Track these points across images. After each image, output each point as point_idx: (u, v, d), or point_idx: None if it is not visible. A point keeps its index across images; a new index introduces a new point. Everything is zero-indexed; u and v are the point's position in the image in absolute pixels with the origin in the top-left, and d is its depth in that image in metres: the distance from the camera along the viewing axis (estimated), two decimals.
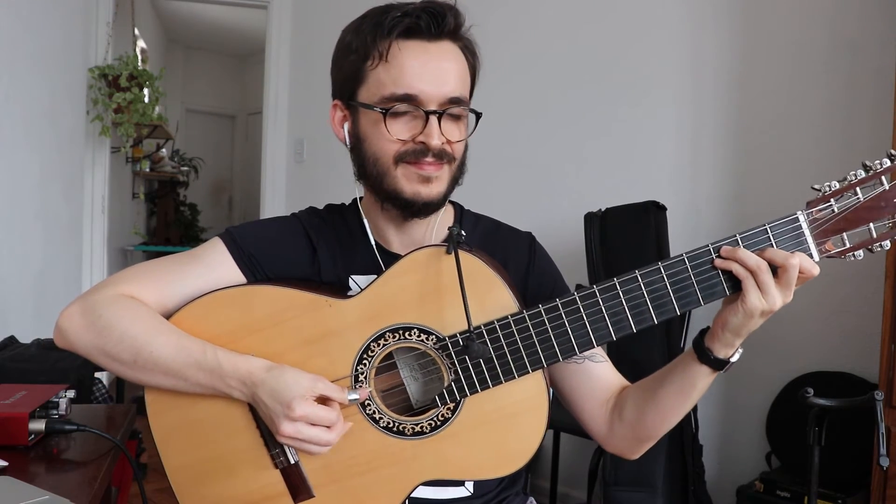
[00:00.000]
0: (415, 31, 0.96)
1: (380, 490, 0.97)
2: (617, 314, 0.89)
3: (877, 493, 1.72)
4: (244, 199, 7.40)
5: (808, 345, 2.23)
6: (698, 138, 2.48)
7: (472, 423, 0.95)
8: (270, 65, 3.78)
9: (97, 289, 1.01)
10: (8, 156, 2.56)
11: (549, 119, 2.83)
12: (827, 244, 0.85)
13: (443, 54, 0.97)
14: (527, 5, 2.91)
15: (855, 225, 0.84)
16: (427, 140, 0.95)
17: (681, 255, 0.87)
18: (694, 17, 2.49)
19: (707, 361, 0.91)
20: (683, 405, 0.97)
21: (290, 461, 0.98)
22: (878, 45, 2.08)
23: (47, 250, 3.06)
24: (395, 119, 0.96)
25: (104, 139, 3.56)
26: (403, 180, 0.98)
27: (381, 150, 0.98)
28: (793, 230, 0.85)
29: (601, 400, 1.04)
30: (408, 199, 0.98)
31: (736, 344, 0.90)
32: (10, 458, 1.00)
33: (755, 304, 0.85)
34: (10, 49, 2.55)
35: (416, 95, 0.95)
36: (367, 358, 0.96)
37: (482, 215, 1.14)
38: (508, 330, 0.92)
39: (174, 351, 0.95)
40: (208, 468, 1.00)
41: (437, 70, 0.96)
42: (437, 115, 0.95)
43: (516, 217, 1.21)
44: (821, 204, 0.85)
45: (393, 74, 0.95)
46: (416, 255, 0.95)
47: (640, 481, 2.05)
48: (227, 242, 1.04)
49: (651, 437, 1.02)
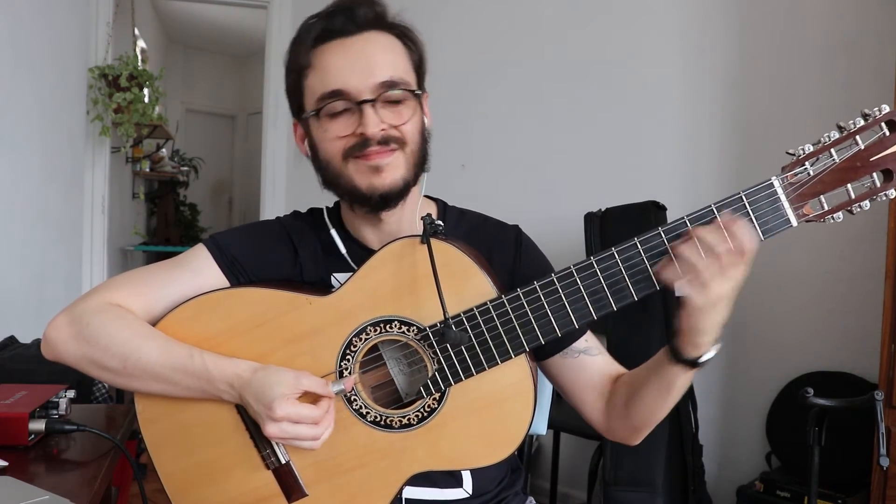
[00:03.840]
0: (331, 32, 0.98)
1: (372, 484, 0.97)
2: (596, 293, 0.88)
3: (877, 493, 1.72)
4: (244, 199, 7.39)
5: (808, 345, 2.23)
6: (698, 138, 2.48)
7: (459, 411, 0.95)
8: (270, 65, 3.78)
9: (83, 298, 1.01)
10: (8, 156, 2.56)
11: (549, 119, 2.83)
12: (805, 208, 0.83)
13: (366, 45, 0.98)
14: (526, 5, 2.91)
15: (832, 187, 0.82)
16: (364, 130, 0.96)
17: (657, 229, 0.86)
18: (694, 18, 2.49)
19: (680, 361, 0.91)
20: (666, 401, 0.97)
21: (280, 461, 0.98)
22: (877, 44, 2.08)
23: (47, 250, 3.06)
24: (333, 119, 0.98)
25: (104, 139, 3.56)
26: (356, 175, 0.99)
27: (329, 151, 1.00)
28: (768, 195, 0.83)
29: (598, 392, 1.05)
30: (364, 193, 0.99)
31: (704, 342, 0.88)
32: (10, 458, 1.00)
33: (695, 301, 0.83)
34: (10, 49, 2.55)
35: (344, 89, 0.96)
36: (350, 353, 0.96)
37: (468, 210, 1.14)
38: (488, 315, 0.91)
39: (161, 356, 0.96)
40: (201, 473, 1.00)
41: (362, 61, 0.97)
42: (369, 102, 0.96)
43: (516, 217, 1.20)
44: (796, 167, 0.83)
45: (320, 77, 0.98)
46: (391, 247, 0.95)
47: (640, 481, 2.05)
48: (211, 248, 1.06)
49: (645, 427, 1.02)
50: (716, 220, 0.83)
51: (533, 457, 2.77)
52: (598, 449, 2.26)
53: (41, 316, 2.86)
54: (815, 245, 2.22)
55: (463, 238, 1.02)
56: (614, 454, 2.06)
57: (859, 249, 2.12)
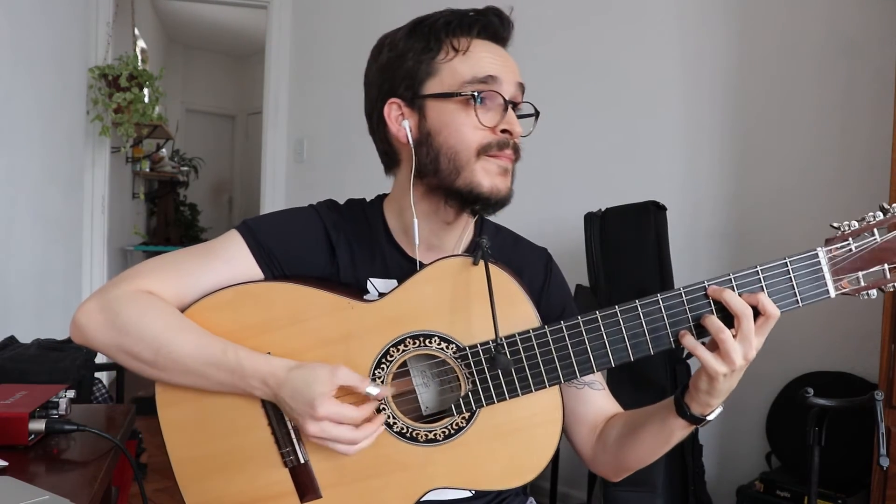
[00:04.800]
0: (490, 29, 0.99)
1: (388, 495, 0.97)
2: (636, 336, 0.90)
3: (877, 493, 1.72)
4: (244, 199, 7.40)
5: (808, 345, 2.22)
6: (698, 138, 2.48)
7: (486, 434, 0.95)
8: (270, 65, 3.78)
9: (115, 284, 0.99)
10: (8, 156, 2.56)
11: (549, 119, 2.82)
12: (843, 282, 0.88)
13: (507, 53, 1.02)
14: (526, 5, 2.90)
15: (870, 265, 0.87)
16: (511, 127, 0.97)
17: (702, 282, 0.89)
18: (694, 18, 2.49)
19: (684, 416, 0.93)
20: (660, 450, 0.99)
21: (300, 461, 0.97)
22: (878, 45, 2.08)
23: (47, 250, 3.06)
24: (480, 107, 0.96)
25: (104, 139, 3.56)
26: (482, 173, 0.96)
27: (462, 141, 0.96)
28: (811, 266, 0.88)
29: (592, 426, 1.06)
30: (485, 194, 0.96)
31: (713, 404, 0.91)
32: (10, 458, 1.00)
33: (714, 368, 0.86)
34: (10, 49, 2.55)
35: (498, 77, 0.96)
36: (385, 362, 0.96)
37: (502, 227, 1.14)
38: (529, 343, 0.93)
39: (194, 350, 0.93)
40: (216, 463, 0.99)
41: (511, 64, 1.00)
42: (518, 105, 0.99)
43: (516, 216, 1.20)
44: (839, 242, 0.88)
45: (473, 62, 0.97)
46: (443, 264, 0.95)
47: (640, 481, 2.05)
48: (245, 236, 1.02)
49: (629, 469, 1.04)
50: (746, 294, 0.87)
51: None
52: None
53: (41, 316, 2.86)
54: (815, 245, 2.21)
55: (496, 255, 1.01)
56: None
57: None
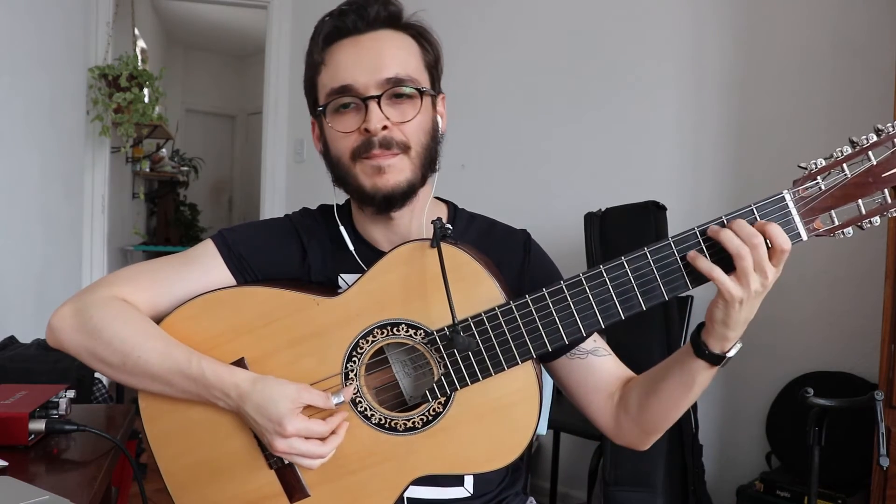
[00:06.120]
0: (342, 30, 0.99)
1: (375, 486, 0.97)
2: (604, 301, 0.88)
3: (877, 493, 1.72)
4: (244, 199, 7.39)
5: (808, 345, 2.22)
6: (699, 138, 2.48)
7: (464, 416, 0.95)
8: (270, 65, 3.78)
9: (90, 289, 1.02)
10: (8, 156, 2.56)
11: (549, 118, 2.83)
12: (815, 222, 0.83)
13: (376, 42, 0.99)
14: (526, 4, 2.91)
15: (843, 202, 0.82)
16: (367, 125, 0.96)
17: (667, 240, 0.86)
18: (695, 17, 2.49)
19: (703, 356, 0.90)
20: (685, 399, 0.96)
21: (284, 461, 0.98)
22: (881, 46, 2.07)
23: (47, 250, 3.06)
24: (341, 115, 0.99)
25: (104, 139, 3.56)
26: (362, 176, 0.99)
27: (339, 149, 1.01)
28: (779, 209, 0.83)
29: (607, 393, 1.04)
30: (369, 194, 0.99)
31: (731, 337, 0.88)
32: (10, 458, 1.00)
33: (730, 291, 0.83)
34: (10, 49, 2.55)
35: (351, 85, 0.97)
36: (356, 355, 0.96)
37: (478, 214, 1.14)
38: (496, 321, 0.91)
39: (160, 357, 0.96)
40: (203, 471, 1.00)
41: (371, 57, 0.98)
42: (374, 98, 0.96)
43: (516, 216, 1.20)
44: (807, 182, 0.83)
45: (331, 73, 1.00)
46: (401, 250, 0.95)
47: (640, 481, 2.05)
48: (219, 245, 1.05)
49: (657, 430, 1.02)
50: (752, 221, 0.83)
51: (533, 457, 2.76)
52: (598, 449, 2.26)
53: (41, 316, 2.86)
54: (816, 245, 2.21)
55: (472, 243, 1.02)
56: (614, 454, 2.06)
57: (859, 250, 2.11)
